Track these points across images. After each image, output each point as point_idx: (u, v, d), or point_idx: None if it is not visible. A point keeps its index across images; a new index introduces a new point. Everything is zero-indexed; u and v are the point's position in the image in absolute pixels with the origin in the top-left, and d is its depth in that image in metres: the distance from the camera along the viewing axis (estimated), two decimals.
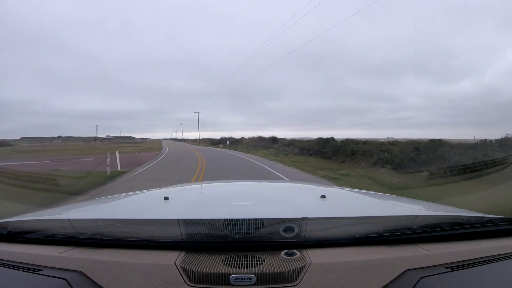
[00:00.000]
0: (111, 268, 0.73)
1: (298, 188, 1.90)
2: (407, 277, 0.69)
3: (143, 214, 1.09)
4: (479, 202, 4.90)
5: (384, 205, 1.25)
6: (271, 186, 1.97)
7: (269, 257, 0.76)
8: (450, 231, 0.86)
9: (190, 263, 0.73)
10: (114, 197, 1.54)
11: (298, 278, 0.69)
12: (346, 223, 0.90)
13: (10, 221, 0.97)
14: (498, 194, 5.45)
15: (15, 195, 5.13)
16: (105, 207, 1.24)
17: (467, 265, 0.73)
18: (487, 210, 2.04)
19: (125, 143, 57.46)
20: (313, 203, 1.24)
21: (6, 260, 0.80)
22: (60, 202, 4.61)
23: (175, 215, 0.97)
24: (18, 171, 8.68)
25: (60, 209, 1.31)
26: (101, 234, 0.86)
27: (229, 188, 1.78)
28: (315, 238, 0.83)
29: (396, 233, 0.84)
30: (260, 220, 0.84)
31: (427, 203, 1.55)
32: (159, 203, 1.23)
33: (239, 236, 0.82)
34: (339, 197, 1.43)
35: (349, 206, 1.23)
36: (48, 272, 0.74)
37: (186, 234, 0.83)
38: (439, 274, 0.70)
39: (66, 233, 0.87)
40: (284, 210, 1.13)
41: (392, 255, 0.77)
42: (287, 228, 0.82)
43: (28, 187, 6.05)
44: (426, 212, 1.11)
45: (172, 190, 1.65)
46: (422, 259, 0.75)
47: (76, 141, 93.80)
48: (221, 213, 1.04)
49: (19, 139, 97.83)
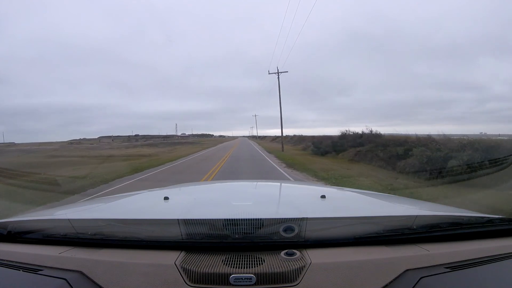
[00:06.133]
0: (111, 268, 0.73)
1: (298, 188, 1.92)
2: (407, 277, 0.69)
3: (143, 214, 1.09)
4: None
5: (384, 205, 1.23)
6: (271, 186, 1.98)
7: (269, 257, 0.75)
8: (450, 231, 0.86)
9: (190, 263, 0.73)
10: (114, 197, 1.54)
11: (298, 278, 0.69)
12: (346, 223, 0.89)
13: (10, 221, 0.96)
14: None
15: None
16: (105, 207, 1.24)
17: (467, 265, 0.73)
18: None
19: (185, 142, 55.08)
20: (313, 203, 1.22)
21: (6, 260, 0.80)
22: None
23: (175, 215, 0.96)
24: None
25: (60, 209, 1.29)
26: (101, 234, 0.86)
27: (229, 188, 1.77)
28: (315, 238, 0.82)
29: (396, 233, 0.84)
30: (260, 220, 0.84)
31: (427, 203, 1.55)
32: (159, 203, 1.22)
33: (239, 236, 0.82)
34: (339, 197, 1.43)
35: (349, 206, 1.22)
36: (48, 272, 0.73)
37: (186, 234, 0.82)
38: (439, 274, 0.70)
39: (66, 233, 0.87)
40: (284, 210, 1.14)
41: (392, 255, 0.77)
42: (287, 228, 0.81)
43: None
44: (426, 212, 1.08)
45: (172, 190, 1.65)
46: (422, 259, 0.75)
47: (153, 139, 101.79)
48: (221, 213, 1.04)
49: (97, 138, 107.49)
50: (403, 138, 13.22)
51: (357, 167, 11.31)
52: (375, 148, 13.49)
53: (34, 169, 10.65)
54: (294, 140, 37.33)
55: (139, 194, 1.48)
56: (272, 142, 53.53)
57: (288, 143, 25.23)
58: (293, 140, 38.28)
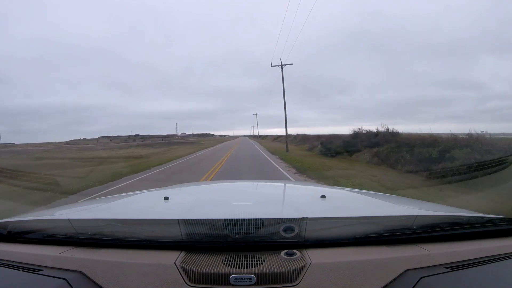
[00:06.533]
0: (111, 268, 0.73)
1: (298, 188, 1.89)
2: (407, 277, 0.68)
3: (143, 214, 1.09)
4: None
5: (384, 205, 1.23)
6: (271, 186, 1.97)
7: (269, 257, 0.75)
8: (450, 231, 0.86)
9: (190, 263, 0.73)
10: (114, 197, 1.53)
11: (298, 278, 0.68)
12: (346, 223, 0.89)
13: (10, 221, 0.96)
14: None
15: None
16: (105, 207, 1.24)
17: (467, 265, 0.73)
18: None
19: (182, 143, 52.47)
20: (313, 203, 1.21)
21: (6, 260, 0.79)
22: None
23: (175, 215, 0.96)
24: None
25: (60, 209, 1.28)
26: (101, 234, 0.86)
27: (229, 188, 1.76)
28: (315, 238, 0.82)
29: (396, 233, 0.84)
30: (260, 220, 0.83)
31: (427, 203, 1.53)
32: (159, 203, 1.21)
33: (239, 236, 0.81)
34: (339, 197, 1.42)
35: (349, 206, 1.21)
36: (48, 272, 0.73)
37: (186, 234, 0.82)
38: (439, 274, 0.69)
39: (66, 233, 0.87)
40: (284, 210, 1.14)
41: (392, 255, 0.76)
42: (287, 228, 0.81)
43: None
44: (426, 212, 1.08)
45: (172, 190, 1.64)
46: (422, 259, 0.74)
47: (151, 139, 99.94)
48: (221, 213, 1.03)
49: (96, 138, 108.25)
50: (427, 137, 11.17)
51: (383, 173, 9.16)
52: (397, 148, 11.43)
53: (4, 174, 8.95)
54: (297, 140, 34.41)
55: (139, 194, 1.48)
56: (273, 141, 51.23)
57: (291, 143, 22.59)
58: (296, 139, 35.18)
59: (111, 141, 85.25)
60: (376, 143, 13.52)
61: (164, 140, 70.32)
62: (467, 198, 5.63)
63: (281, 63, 20.73)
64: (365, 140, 14.84)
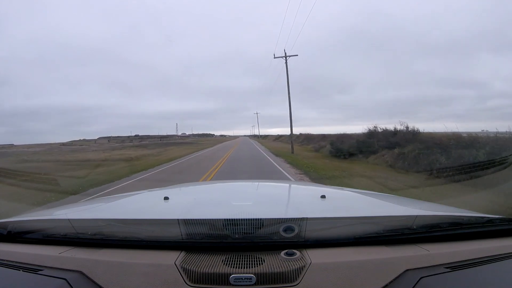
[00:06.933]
0: (111, 268, 0.73)
1: (298, 188, 1.89)
2: (407, 277, 0.68)
3: (143, 214, 1.09)
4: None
5: (384, 205, 1.23)
6: (271, 186, 1.96)
7: (269, 257, 0.75)
8: (450, 231, 0.85)
9: (190, 263, 0.73)
10: (114, 197, 1.53)
11: (298, 278, 0.69)
12: (346, 223, 0.89)
13: (10, 221, 0.96)
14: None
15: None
16: (105, 207, 1.24)
17: (467, 265, 0.73)
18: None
19: (181, 143, 49.73)
20: (313, 203, 1.21)
21: (6, 260, 0.80)
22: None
23: (175, 215, 0.96)
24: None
25: (60, 209, 1.28)
26: (101, 234, 0.86)
27: (229, 188, 1.76)
28: (315, 238, 0.82)
29: (396, 233, 0.84)
30: (260, 220, 0.83)
31: (427, 203, 1.53)
32: (159, 203, 1.22)
33: (239, 236, 0.82)
34: (339, 197, 1.42)
35: (349, 206, 1.21)
36: (48, 272, 0.73)
37: (186, 234, 0.82)
38: (439, 274, 0.69)
39: (66, 233, 0.87)
40: (284, 210, 1.15)
41: (392, 255, 0.77)
42: (287, 228, 0.81)
43: None
44: (426, 212, 1.08)
45: (172, 190, 1.64)
46: (422, 259, 0.74)
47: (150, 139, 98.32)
48: (221, 213, 1.03)
49: (95, 139, 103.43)
50: (455, 136, 9.43)
51: (419, 182, 7.43)
52: (426, 150, 9.62)
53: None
54: (301, 139, 31.50)
55: (139, 194, 1.47)
56: (275, 141, 48.65)
57: (294, 143, 20.21)
58: (299, 139, 32.01)
59: (109, 141, 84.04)
60: (396, 143, 11.71)
61: (162, 141, 68.97)
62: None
63: (285, 54, 18.44)
64: (382, 140, 13.02)
